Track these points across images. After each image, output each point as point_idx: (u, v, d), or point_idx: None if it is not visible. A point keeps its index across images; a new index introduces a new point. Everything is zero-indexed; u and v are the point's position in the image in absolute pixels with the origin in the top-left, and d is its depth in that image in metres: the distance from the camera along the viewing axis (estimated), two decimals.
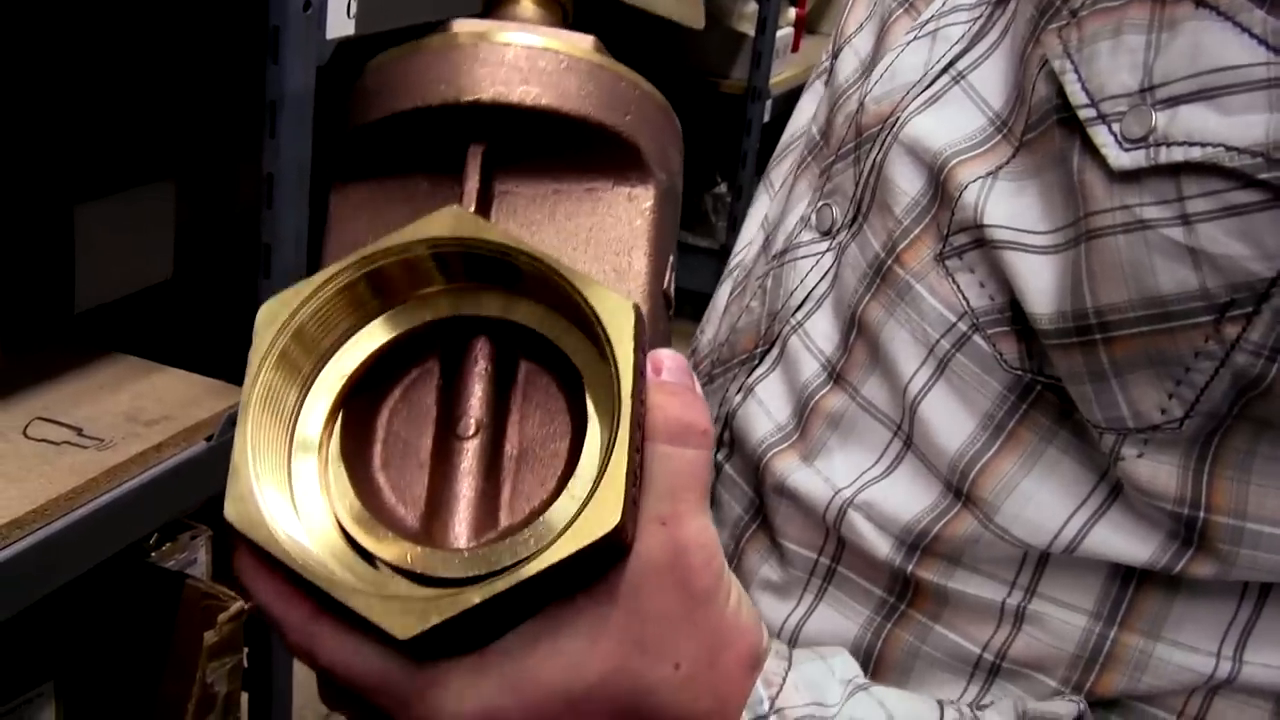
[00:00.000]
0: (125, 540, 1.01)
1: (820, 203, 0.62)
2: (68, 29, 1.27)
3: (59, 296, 1.21)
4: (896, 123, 0.58)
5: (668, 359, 0.46)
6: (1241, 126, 0.43)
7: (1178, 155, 0.44)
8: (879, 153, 0.58)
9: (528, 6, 0.53)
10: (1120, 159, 0.46)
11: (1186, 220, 0.45)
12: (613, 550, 0.42)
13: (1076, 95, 0.48)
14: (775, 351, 0.62)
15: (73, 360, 1.14)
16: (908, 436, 0.55)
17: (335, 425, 0.48)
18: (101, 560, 0.99)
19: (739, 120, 2.53)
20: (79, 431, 1.03)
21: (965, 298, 0.53)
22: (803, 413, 0.59)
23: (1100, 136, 0.47)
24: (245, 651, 1.29)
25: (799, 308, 0.61)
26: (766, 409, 0.61)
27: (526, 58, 0.49)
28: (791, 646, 0.55)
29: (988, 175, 0.53)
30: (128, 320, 1.28)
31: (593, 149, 0.50)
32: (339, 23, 1.14)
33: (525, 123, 0.49)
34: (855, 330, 0.58)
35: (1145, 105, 0.46)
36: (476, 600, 0.41)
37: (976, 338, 0.53)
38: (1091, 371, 0.48)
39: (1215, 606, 0.51)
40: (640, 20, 2.45)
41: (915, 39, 0.60)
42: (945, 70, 0.57)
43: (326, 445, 0.48)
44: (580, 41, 0.51)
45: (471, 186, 0.49)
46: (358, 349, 0.48)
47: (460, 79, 0.49)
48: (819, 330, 0.60)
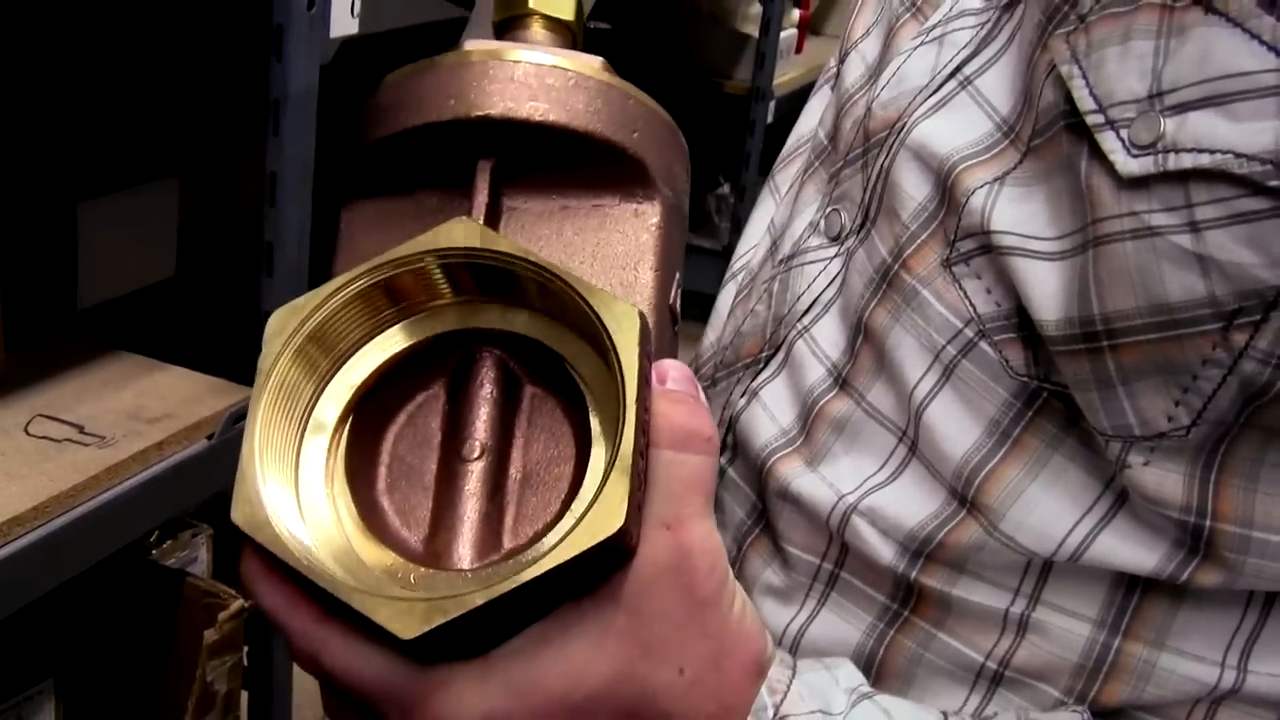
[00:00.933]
0: (126, 538, 1.01)
1: (829, 209, 0.62)
2: (72, 27, 1.27)
3: (62, 293, 1.20)
4: (904, 128, 0.58)
5: (673, 369, 0.46)
6: (1250, 133, 0.43)
7: (1186, 162, 0.44)
8: (886, 158, 0.58)
9: (538, 30, 0.54)
10: (1128, 165, 0.46)
11: (1195, 227, 0.44)
12: (616, 553, 0.42)
13: (1084, 101, 0.48)
14: (780, 356, 0.62)
15: (75, 358, 1.14)
16: (913, 443, 0.55)
17: (344, 429, 0.48)
18: (102, 558, 0.99)
19: (742, 121, 2.52)
20: (80, 429, 1.03)
21: (972, 304, 0.53)
22: (807, 417, 0.59)
23: (1108, 142, 0.47)
24: (245, 650, 1.29)
25: (806, 313, 0.61)
26: (771, 413, 0.61)
27: (536, 75, 0.50)
28: (794, 652, 0.55)
29: (994, 181, 0.53)
30: (130, 318, 1.28)
31: (600, 166, 0.51)
32: (343, 21, 1.14)
33: (534, 139, 0.50)
34: (861, 336, 0.57)
35: (1154, 111, 0.45)
36: (480, 601, 0.41)
37: (983, 344, 0.53)
38: (1098, 379, 0.48)
39: (1220, 616, 0.51)
40: (645, 20, 2.45)
41: (922, 44, 0.60)
42: (952, 75, 0.57)
43: (335, 450, 0.48)
44: (589, 61, 0.52)
45: (480, 201, 0.49)
46: (366, 359, 0.48)
47: (470, 95, 0.50)
48: (825, 336, 0.60)
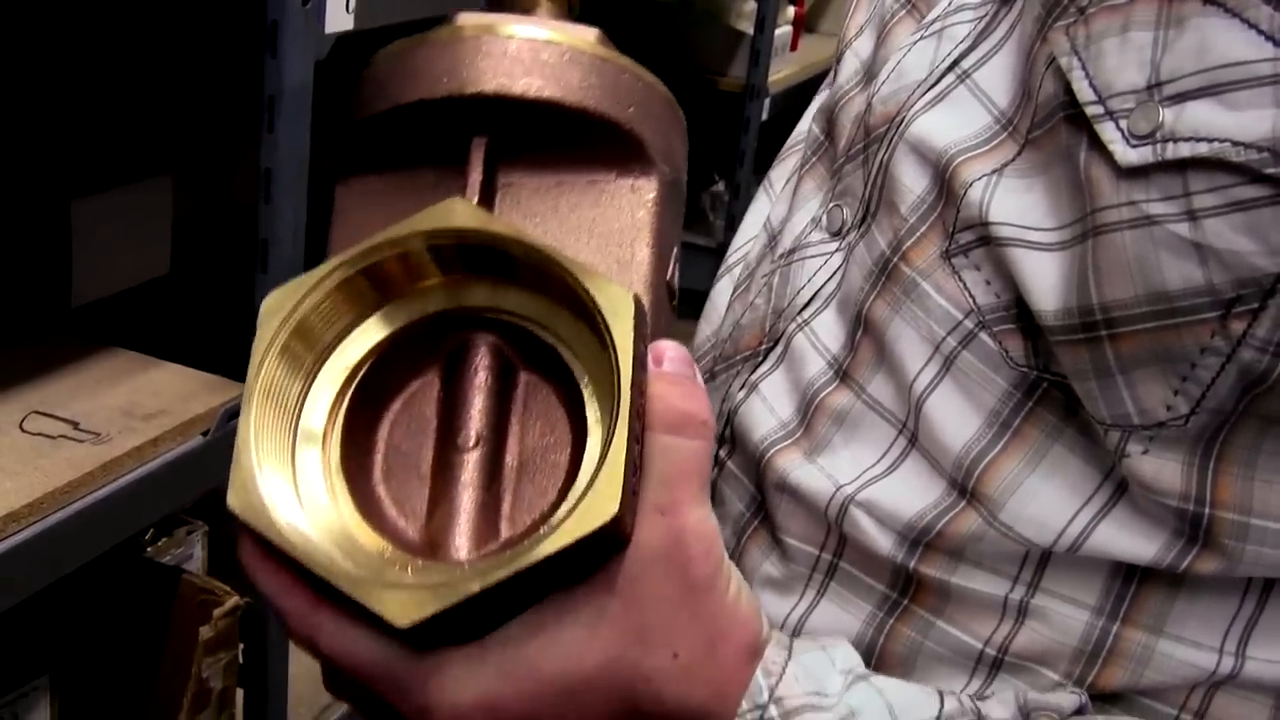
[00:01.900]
0: (121, 535, 1.01)
1: (831, 204, 0.63)
2: (66, 24, 1.27)
3: (56, 291, 1.20)
4: (902, 122, 0.58)
5: (669, 349, 0.46)
6: (1248, 122, 0.43)
7: (1184, 151, 0.45)
8: (885, 152, 0.59)
9: (534, 1, 0.53)
10: (1127, 155, 0.46)
11: (1193, 216, 0.45)
12: (611, 540, 0.43)
13: (1084, 92, 0.48)
14: (779, 349, 0.62)
15: (69, 354, 1.14)
16: (913, 434, 0.55)
17: (339, 415, 0.48)
18: (97, 555, 0.99)
19: (737, 118, 2.52)
20: (75, 425, 1.02)
21: (971, 295, 0.53)
22: (807, 410, 0.59)
23: (1107, 133, 0.47)
24: (241, 647, 1.29)
25: (806, 306, 0.61)
26: (770, 406, 0.61)
27: (529, 50, 0.49)
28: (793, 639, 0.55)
29: (993, 173, 0.53)
30: (125, 315, 1.28)
31: (596, 141, 0.50)
32: (338, 17, 1.14)
33: (528, 115, 0.49)
34: (861, 329, 0.58)
35: (1153, 102, 0.46)
36: (476, 589, 0.41)
37: (983, 335, 0.53)
38: (1097, 368, 0.48)
39: (1218, 602, 0.52)
40: (640, 17, 2.45)
41: (921, 38, 0.60)
42: (950, 69, 0.57)
43: (330, 435, 0.48)
44: (585, 34, 0.51)
45: (475, 179, 0.49)
46: (362, 341, 0.48)
47: (463, 71, 0.49)
48: (826, 329, 0.60)
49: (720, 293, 0.71)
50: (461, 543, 0.45)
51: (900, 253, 0.56)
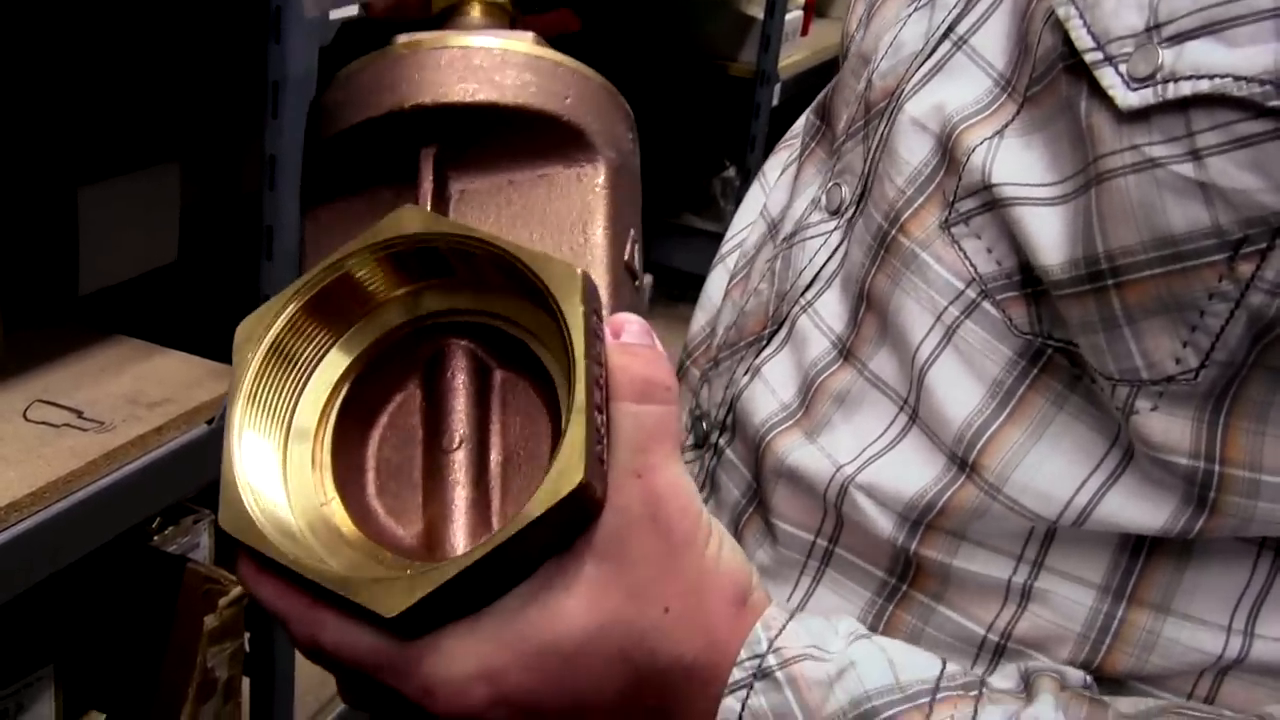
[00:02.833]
0: (125, 524, 1.01)
1: (830, 183, 0.62)
2: (72, 12, 1.27)
3: (63, 279, 1.20)
4: (901, 94, 0.58)
5: (629, 322, 0.47)
6: (1249, 56, 0.43)
7: (1185, 89, 0.44)
8: (885, 126, 0.58)
9: (474, 16, 0.56)
10: (1128, 98, 0.46)
11: (1196, 155, 0.44)
12: (582, 507, 0.43)
13: (1082, 39, 0.48)
14: (783, 332, 0.62)
15: (75, 342, 1.13)
16: (914, 410, 0.55)
17: (326, 435, 0.49)
18: (101, 544, 0.99)
19: (747, 104, 2.51)
20: (79, 414, 1.02)
21: (972, 264, 0.53)
22: (808, 391, 0.59)
23: (1107, 78, 0.47)
24: (247, 636, 1.28)
25: (808, 287, 0.61)
26: (772, 388, 0.61)
27: (462, 58, 0.52)
28: None
29: (994, 135, 0.53)
30: (132, 303, 1.27)
31: (539, 136, 0.52)
32: (342, 3, 1.13)
33: (470, 120, 0.51)
34: (864, 305, 0.57)
35: (1151, 44, 0.46)
36: (453, 572, 0.42)
37: (986, 304, 0.53)
38: (1104, 318, 0.48)
39: (1227, 576, 0.51)
40: (650, 4, 2.44)
41: (916, 10, 0.60)
42: (945, 36, 0.57)
43: (319, 455, 0.49)
44: (518, 37, 0.53)
45: (426, 187, 0.51)
46: (339, 359, 0.50)
47: (402, 86, 0.51)
48: (829, 309, 0.60)
49: (714, 282, 0.71)
50: (457, 540, 0.46)
51: (898, 224, 0.56)
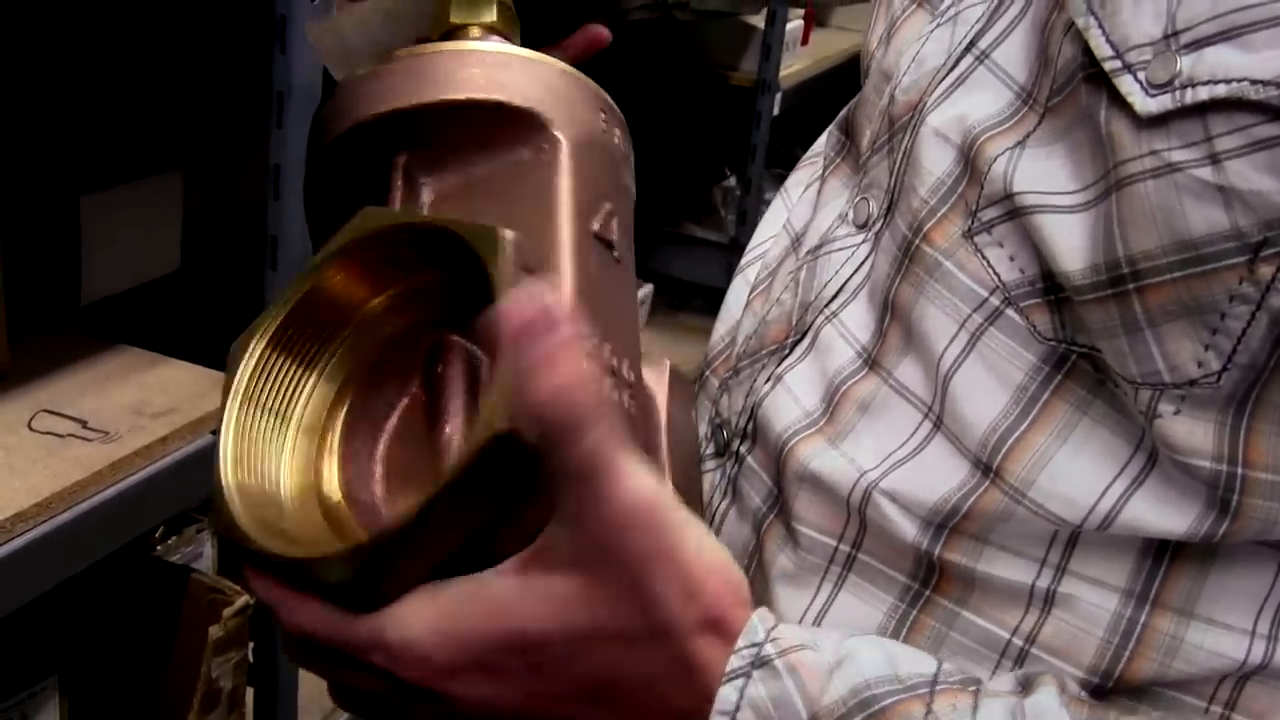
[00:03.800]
0: (130, 534, 1.01)
1: (858, 197, 0.63)
2: (74, 20, 1.26)
3: (65, 288, 1.20)
4: (923, 108, 0.58)
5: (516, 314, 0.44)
6: (1266, 60, 0.43)
7: (1203, 94, 0.45)
8: (909, 140, 0.59)
9: (472, 38, 0.58)
10: (1147, 104, 0.46)
11: (1215, 159, 0.45)
12: (511, 453, 0.43)
13: (1101, 48, 0.48)
14: (806, 341, 0.62)
15: (78, 352, 1.13)
16: (938, 417, 0.55)
17: (330, 424, 0.51)
18: (106, 554, 0.98)
19: (748, 113, 2.51)
20: (84, 424, 1.02)
21: (996, 272, 0.53)
22: (832, 398, 0.59)
23: (1126, 85, 0.47)
24: (251, 646, 1.28)
25: (834, 299, 0.61)
26: (795, 396, 0.61)
27: (413, 67, 0.54)
28: None
29: (1015, 145, 0.53)
30: (135, 312, 1.27)
31: (499, 127, 0.54)
32: None
33: (430, 122, 0.54)
34: (889, 315, 0.58)
35: (1170, 51, 0.46)
36: (389, 531, 0.43)
37: (1009, 311, 0.53)
38: (1126, 324, 0.48)
39: (1250, 580, 0.51)
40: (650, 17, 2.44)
41: (938, 26, 0.61)
42: (968, 50, 0.58)
43: (322, 441, 0.50)
44: (481, 42, 0.56)
45: (396, 195, 0.53)
46: (333, 371, 0.51)
47: (358, 103, 0.54)
48: (855, 320, 0.60)
49: (734, 294, 0.71)
50: None
51: (921, 234, 0.56)
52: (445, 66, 0.54)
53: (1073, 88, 0.51)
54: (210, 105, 1.44)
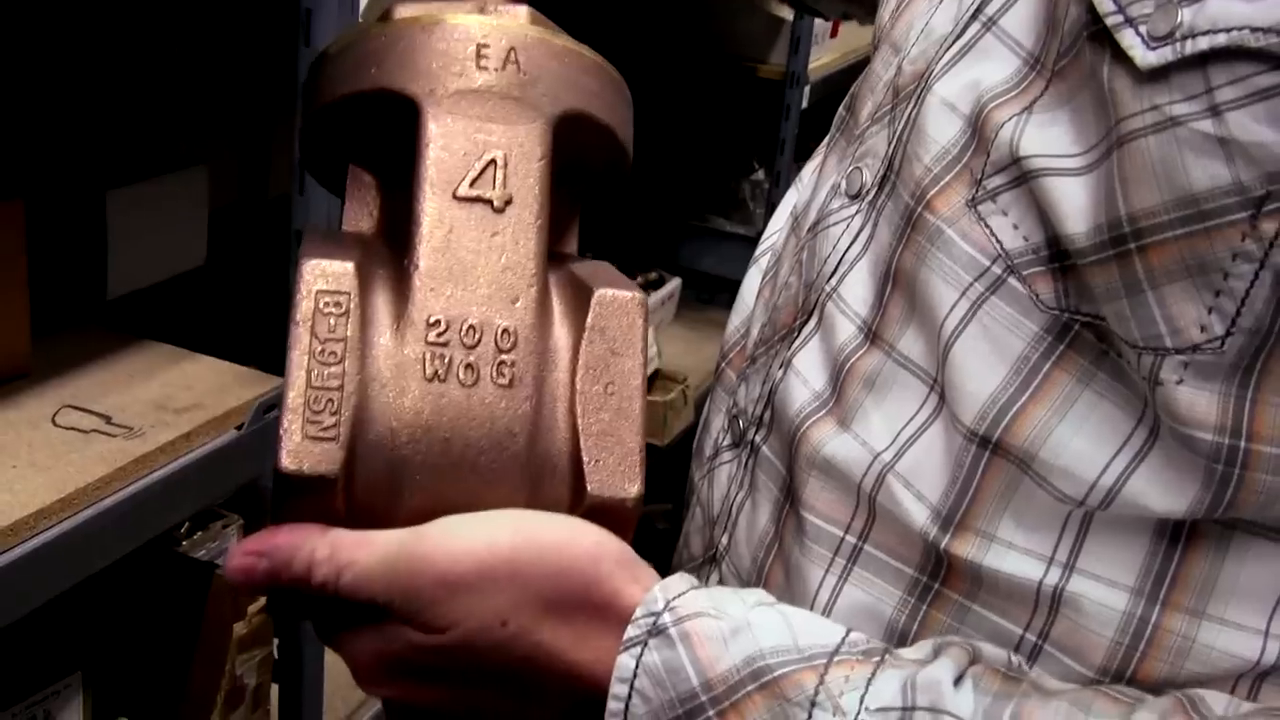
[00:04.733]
0: (154, 530, 1.01)
1: (851, 168, 0.62)
2: (100, 14, 1.27)
3: (91, 283, 1.20)
4: (930, 75, 0.58)
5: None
6: (1267, 8, 0.43)
7: (1203, 44, 0.44)
8: (914, 108, 0.58)
9: None
10: (1147, 58, 0.46)
11: (1215, 111, 0.44)
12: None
13: (1104, 4, 0.48)
14: (813, 321, 0.61)
15: (103, 347, 1.13)
16: (944, 389, 0.54)
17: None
18: (130, 550, 0.98)
19: (777, 106, 2.50)
20: (108, 420, 1.02)
21: (999, 240, 0.53)
22: (838, 377, 0.58)
23: (1127, 39, 0.47)
24: (275, 643, 1.28)
25: (833, 274, 0.61)
26: (804, 379, 0.60)
27: (345, 52, 0.55)
28: None
29: (1022, 111, 0.52)
30: (160, 307, 1.27)
31: (389, 111, 0.54)
32: (373, 4, 1.13)
33: (356, 110, 0.55)
34: (890, 284, 0.57)
35: (1172, 3, 0.45)
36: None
37: (1011, 280, 0.52)
38: (1128, 284, 0.47)
39: (1262, 578, 0.50)
40: (678, 4, 2.43)
41: None
42: (974, 18, 0.57)
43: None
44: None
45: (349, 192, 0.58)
46: None
47: (315, 89, 0.56)
48: (854, 293, 0.59)
49: (748, 284, 0.72)
50: None
51: (924, 202, 0.56)
52: (354, 53, 0.54)
53: (1078, 49, 0.50)
54: (235, 100, 1.44)
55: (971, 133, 0.55)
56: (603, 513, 0.51)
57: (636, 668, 0.48)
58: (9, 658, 1.09)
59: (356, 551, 0.48)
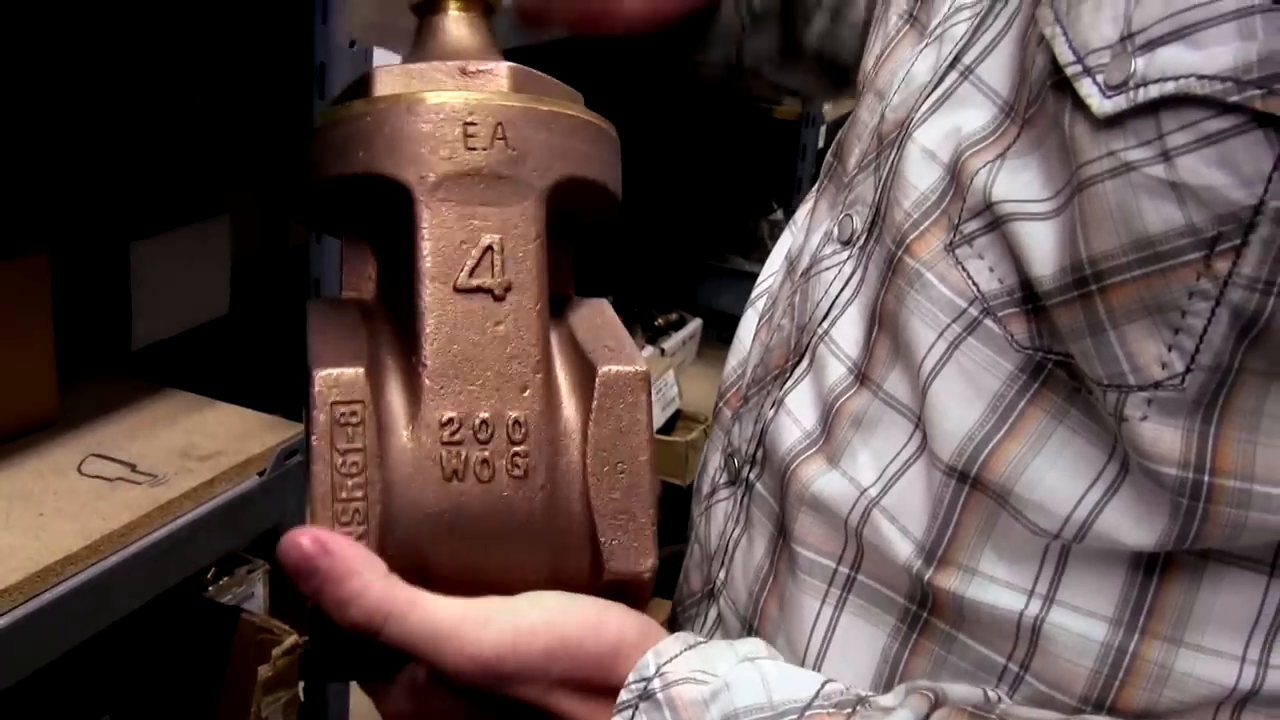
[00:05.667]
0: (179, 575, 1.02)
1: (842, 214, 0.64)
2: (124, 69, 1.29)
3: (116, 333, 1.22)
4: (910, 123, 0.59)
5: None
6: (1213, 56, 0.44)
7: (1154, 92, 0.46)
8: (895, 155, 0.60)
9: (453, 12, 0.58)
10: (1103, 105, 0.47)
11: (1167, 156, 0.45)
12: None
13: (1064, 54, 0.49)
14: (804, 363, 0.63)
15: (128, 396, 1.15)
16: (924, 426, 0.56)
17: None
18: (155, 595, 1.00)
19: (793, 146, 2.52)
20: (133, 467, 1.04)
21: (975, 283, 0.54)
22: (828, 416, 0.60)
23: (1085, 88, 0.48)
24: (300, 686, 1.29)
25: (825, 317, 0.62)
26: (795, 418, 0.62)
27: (335, 131, 0.55)
28: (819, 661, 0.58)
29: (996, 159, 0.54)
30: (184, 356, 1.29)
31: (378, 194, 0.55)
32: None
33: (346, 190, 0.56)
34: (877, 327, 0.59)
35: (1126, 53, 0.47)
36: None
37: (987, 321, 0.54)
38: (1091, 324, 0.49)
39: (1238, 604, 0.51)
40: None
41: (926, 46, 0.62)
42: (952, 66, 0.58)
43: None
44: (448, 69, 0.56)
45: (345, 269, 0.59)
46: None
47: (310, 165, 0.56)
48: (845, 336, 0.61)
49: (745, 326, 0.73)
50: None
51: (905, 246, 0.57)
52: (340, 132, 0.54)
53: (1043, 97, 0.52)
54: (256, 152, 1.46)
55: (950, 179, 0.56)
56: (620, 586, 0.53)
57: None
58: (39, 702, 1.11)
59: (409, 610, 0.50)
